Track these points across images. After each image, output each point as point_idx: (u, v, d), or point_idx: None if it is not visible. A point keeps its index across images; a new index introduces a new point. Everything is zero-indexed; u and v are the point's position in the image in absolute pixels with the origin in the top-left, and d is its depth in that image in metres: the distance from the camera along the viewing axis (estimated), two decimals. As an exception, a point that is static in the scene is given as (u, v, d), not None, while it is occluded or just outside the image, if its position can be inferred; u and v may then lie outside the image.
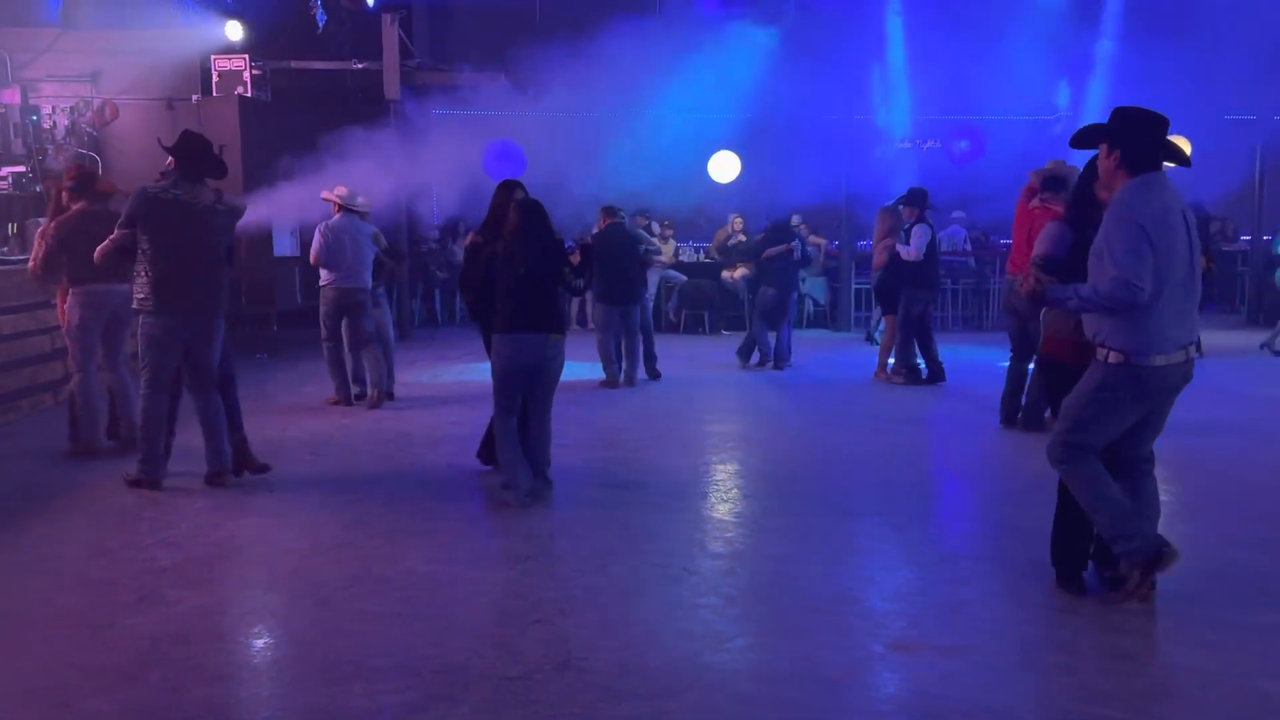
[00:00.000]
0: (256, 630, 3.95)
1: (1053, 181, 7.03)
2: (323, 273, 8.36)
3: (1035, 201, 7.19)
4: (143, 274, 5.62)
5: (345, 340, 8.41)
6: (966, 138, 14.73)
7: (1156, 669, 3.61)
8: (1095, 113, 13.55)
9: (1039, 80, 14.19)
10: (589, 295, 10.98)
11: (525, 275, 5.44)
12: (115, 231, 5.69)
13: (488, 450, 6.09)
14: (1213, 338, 10.89)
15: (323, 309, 8.42)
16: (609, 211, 10.01)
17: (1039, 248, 4.48)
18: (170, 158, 5.83)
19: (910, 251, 9.23)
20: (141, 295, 5.64)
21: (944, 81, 14.09)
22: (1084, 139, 4.14)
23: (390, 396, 8.65)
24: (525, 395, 5.60)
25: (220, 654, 3.68)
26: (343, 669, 3.51)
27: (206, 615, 4.04)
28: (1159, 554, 3.92)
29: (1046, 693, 3.39)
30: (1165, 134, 3.98)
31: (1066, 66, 14.70)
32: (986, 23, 13.35)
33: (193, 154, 5.77)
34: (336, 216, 8.40)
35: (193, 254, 5.67)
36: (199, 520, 5.29)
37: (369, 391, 8.43)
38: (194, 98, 12.60)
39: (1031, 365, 7.04)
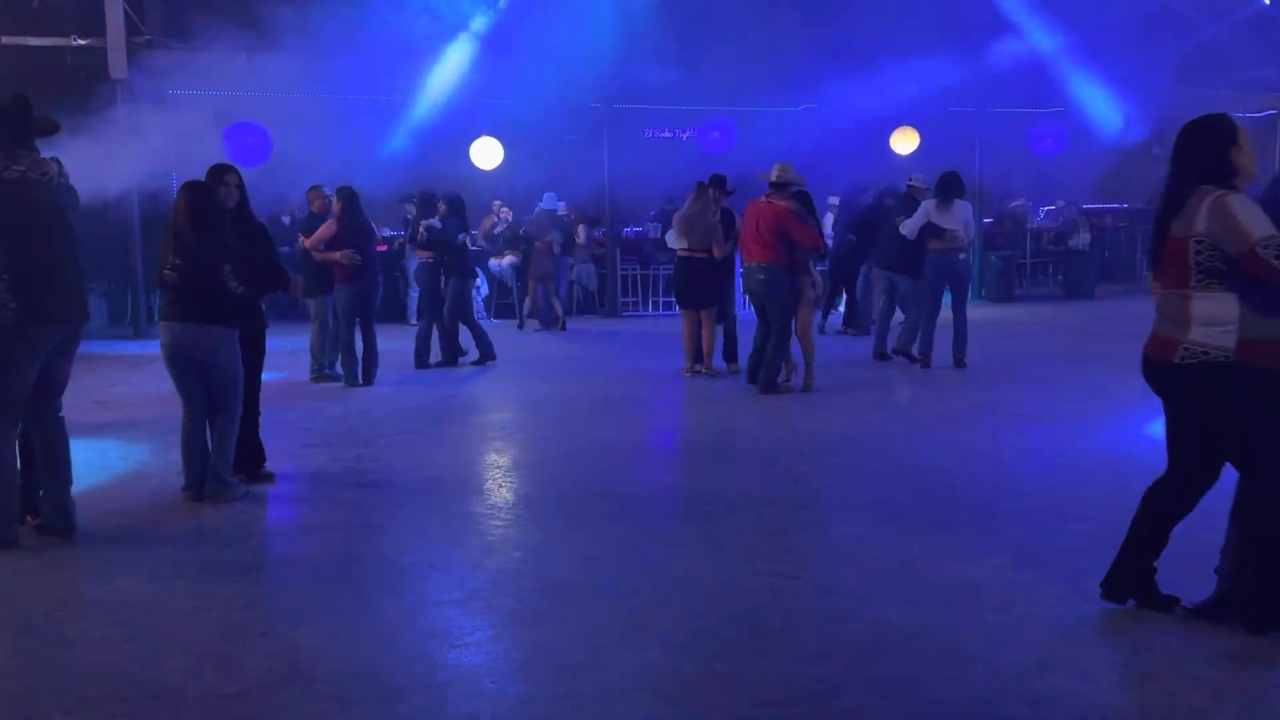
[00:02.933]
0: (-59, 669, 3.57)
1: (777, 185, 8.30)
2: None
3: (764, 198, 8.27)
4: None
5: None
6: (718, 129, 15.24)
7: (868, 627, 3.87)
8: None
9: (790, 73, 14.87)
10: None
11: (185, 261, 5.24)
12: None
13: None
14: None
15: None
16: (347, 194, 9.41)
17: (1263, 229, 3.45)
18: None
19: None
20: None
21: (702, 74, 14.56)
22: None
23: None
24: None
25: (-108, 700, 3.30)
26: (41, 701, 3.23)
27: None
28: None
29: (767, 657, 3.57)
30: None
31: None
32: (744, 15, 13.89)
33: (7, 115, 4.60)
34: None
35: (49, 243, 4.56)
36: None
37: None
38: (-123, 75, 11.18)
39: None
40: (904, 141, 15.20)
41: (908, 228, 9.47)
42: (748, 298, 9.33)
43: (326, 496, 5.60)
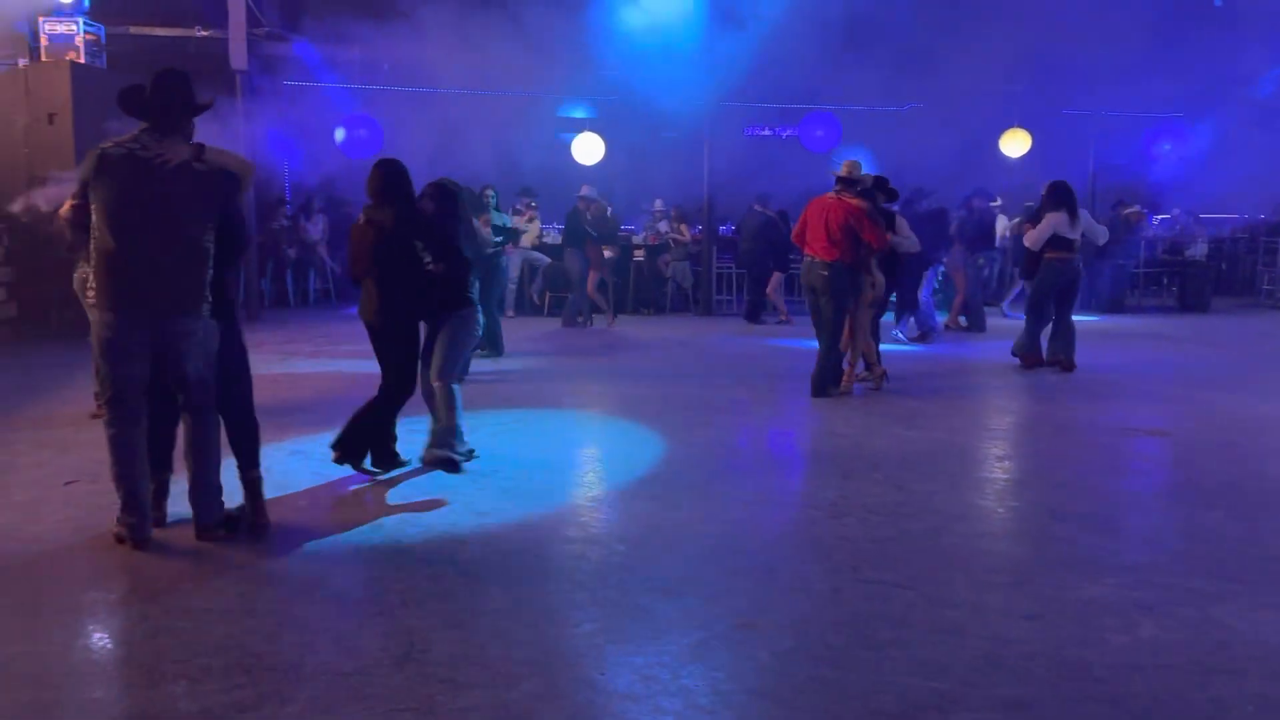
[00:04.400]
0: (78, 630, 3.72)
1: (848, 181, 8.17)
2: None
3: (832, 194, 8.20)
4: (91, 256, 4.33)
5: None
6: (822, 127, 15.06)
7: (984, 641, 3.77)
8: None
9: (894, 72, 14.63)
10: None
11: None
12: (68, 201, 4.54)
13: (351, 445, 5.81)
14: None
15: None
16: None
17: None
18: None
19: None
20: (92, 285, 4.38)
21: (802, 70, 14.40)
22: None
23: None
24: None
25: (37, 656, 3.45)
26: (167, 669, 3.34)
27: (22, 614, 3.79)
28: None
29: (878, 667, 3.50)
30: None
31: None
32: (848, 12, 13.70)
33: (163, 95, 4.43)
34: None
35: (144, 228, 4.31)
36: (15, 514, 4.95)
37: None
38: (20, 62, 11.76)
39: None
40: (1014, 144, 14.81)
41: (1032, 239, 9.38)
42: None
43: (431, 481, 5.68)
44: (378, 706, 3.13)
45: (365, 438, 5.75)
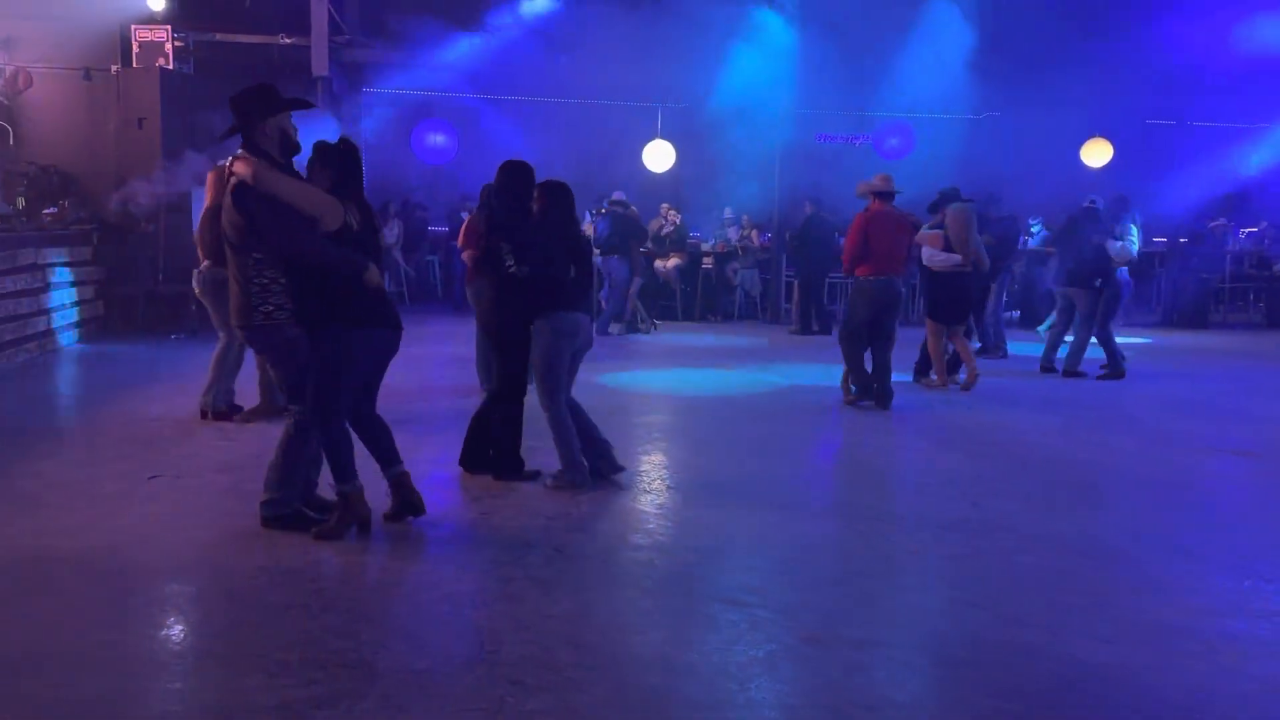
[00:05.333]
0: (157, 621, 3.83)
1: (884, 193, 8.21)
2: None
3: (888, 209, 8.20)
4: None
5: None
6: (896, 135, 14.89)
7: (1059, 664, 3.69)
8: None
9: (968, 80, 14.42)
10: None
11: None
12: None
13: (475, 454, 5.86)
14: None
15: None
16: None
17: None
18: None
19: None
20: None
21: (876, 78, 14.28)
22: None
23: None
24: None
25: (117, 646, 3.56)
26: (244, 663, 3.43)
27: (106, 604, 3.91)
28: None
29: (951, 687, 3.44)
30: None
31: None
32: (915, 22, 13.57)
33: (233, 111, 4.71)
34: None
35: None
36: (101, 508, 5.12)
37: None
38: (113, 68, 12.19)
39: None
40: (1095, 154, 14.47)
41: (1121, 251, 9.38)
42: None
43: (500, 484, 5.71)
44: (448, 706, 3.17)
45: (481, 445, 5.79)
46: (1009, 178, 12.39)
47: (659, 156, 15.60)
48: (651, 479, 5.96)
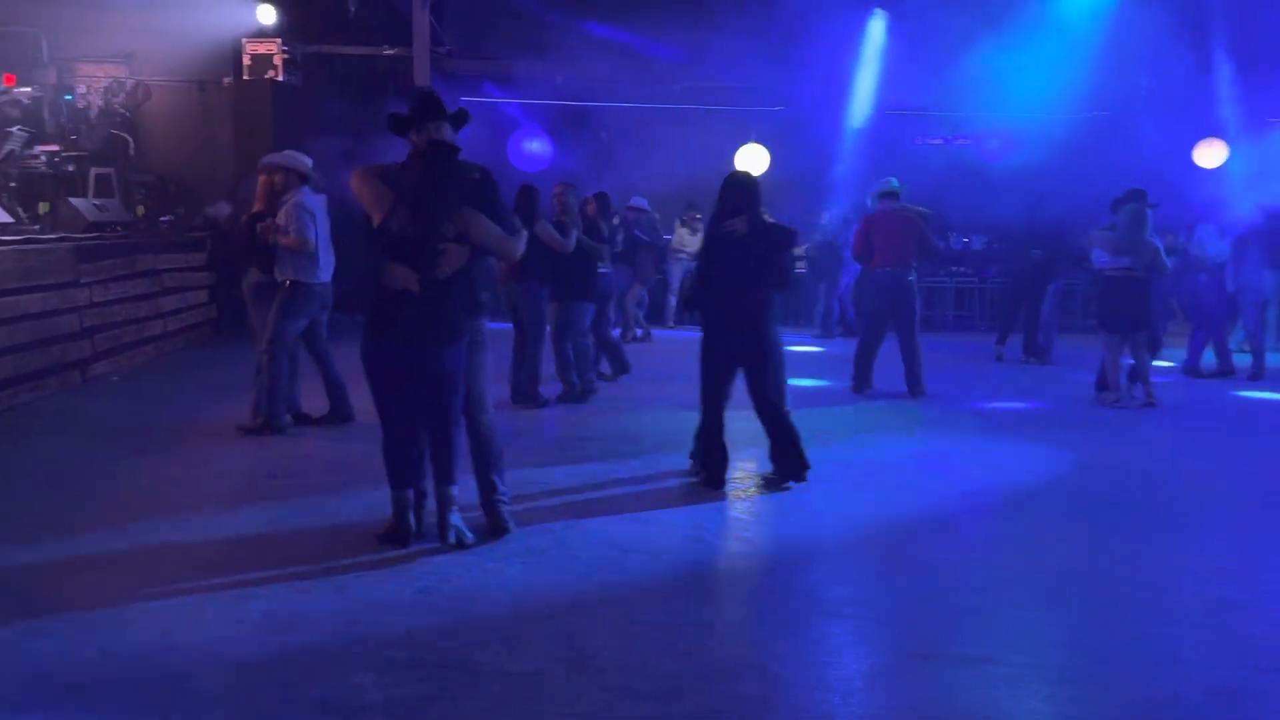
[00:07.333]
0: (269, 616, 3.95)
1: (891, 195, 8.99)
2: (290, 262, 6.82)
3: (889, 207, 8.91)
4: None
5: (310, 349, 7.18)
6: (998, 136, 14.53)
7: (1182, 683, 3.55)
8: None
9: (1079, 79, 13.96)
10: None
11: None
12: None
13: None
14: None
15: (286, 308, 6.84)
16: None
17: None
18: None
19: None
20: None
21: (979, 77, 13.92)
22: None
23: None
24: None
25: (231, 640, 3.69)
26: (352, 659, 3.52)
27: (220, 600, 4.06)
28: None
29: (1069, 705, 3.34)
30: None
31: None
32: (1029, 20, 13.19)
33: None
34: (303, 191, 6.87)
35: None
36: (212, 506, 5.32)
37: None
38: (225, 80, 12.68)
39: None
40: (1210, 155, 13.88)
41: None
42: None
43: (593, 487, 5.74)
44: (550, 710, 3.21)
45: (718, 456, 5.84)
46: (1116, 179, 11.97)
47: (752, 161, 15.51)
48: (746, 486, 5.93)
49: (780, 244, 5.81)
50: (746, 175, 6.14)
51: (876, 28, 14.12)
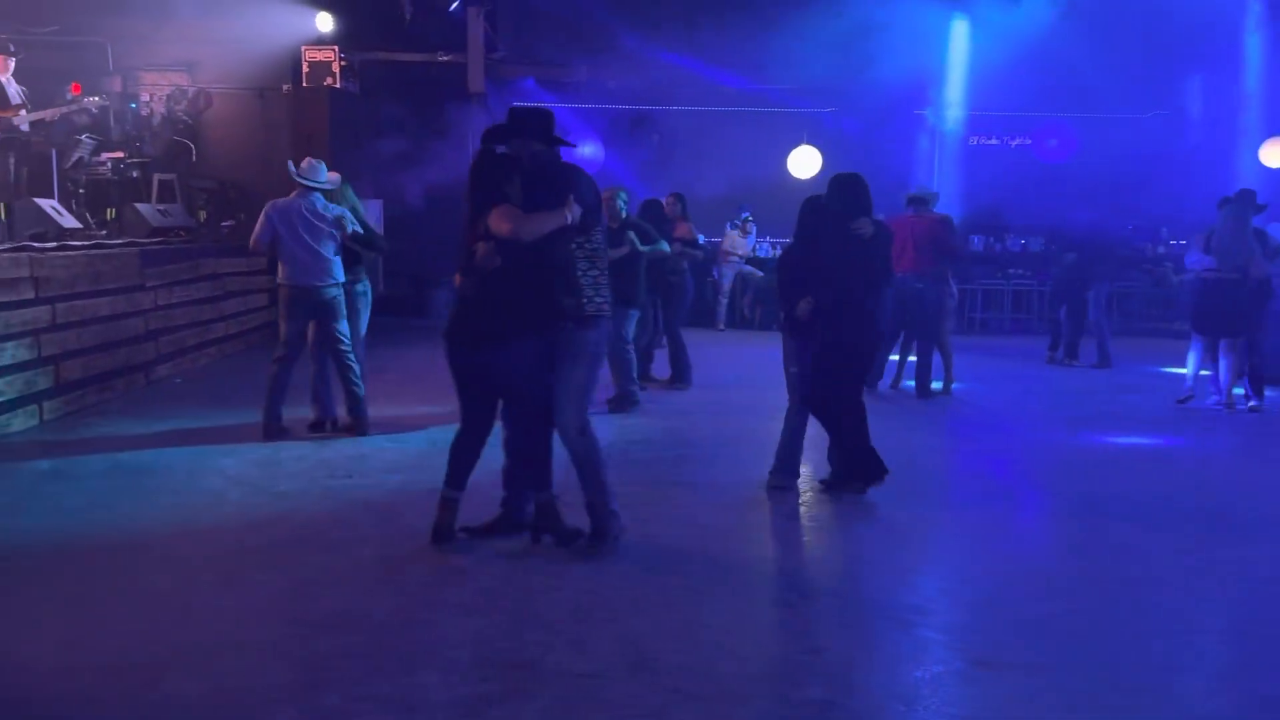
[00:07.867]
0: (336, 615, 4.01)
1: (918, 201, 9.06)
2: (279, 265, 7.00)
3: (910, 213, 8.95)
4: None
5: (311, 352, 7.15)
6: (1056, 135, 14.30)
7: (1246, 696, 3.46)
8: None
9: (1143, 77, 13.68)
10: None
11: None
12: None
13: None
14: None
15: (279, 309, 7.02)
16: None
17: None
18: None
19: None
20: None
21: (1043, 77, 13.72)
22: None
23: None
24: None
25: (297, 638, 3.75)
26: (417, 659, 3.56)
27: (286, 596, 4.13)
28: None
29: (1129, 715, 3.28)
30: None
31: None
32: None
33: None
34: (294, 194, 7.08)
35: None
36: (280, 505, 5.42)
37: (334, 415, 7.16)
38: (284, 88, 12.90)
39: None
40: (1276, 154, 13.54)
41: None
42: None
43: (655, 492, 5.75)
44: (613, 712, 3.22)
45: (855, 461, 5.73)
46: (1179, 178, 11.75)
47: (805, 163, 15.44)
48: (804, 489, 5.90)
49: (890, 242, 6.09)
50: (858, 176, 5.93)
51: (960, 30, 13.88)
